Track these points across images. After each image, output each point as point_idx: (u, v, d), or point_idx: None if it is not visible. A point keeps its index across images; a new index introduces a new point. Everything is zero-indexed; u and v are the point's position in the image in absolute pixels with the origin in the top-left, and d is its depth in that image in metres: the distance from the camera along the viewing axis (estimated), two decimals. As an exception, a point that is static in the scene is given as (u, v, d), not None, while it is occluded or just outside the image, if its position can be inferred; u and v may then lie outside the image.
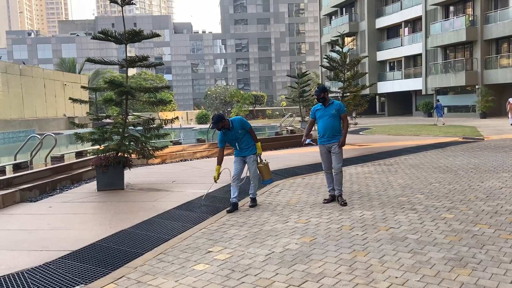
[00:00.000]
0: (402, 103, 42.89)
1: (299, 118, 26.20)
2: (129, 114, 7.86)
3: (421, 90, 37.17)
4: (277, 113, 50.24)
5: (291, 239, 4.72)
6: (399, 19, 39.86)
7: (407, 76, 39.95)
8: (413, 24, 39.19)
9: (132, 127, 8.00)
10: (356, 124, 26.75)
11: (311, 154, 12.24)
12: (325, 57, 16.21)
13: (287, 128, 18.40)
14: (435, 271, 3.66)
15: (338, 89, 15.53)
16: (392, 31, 42.27)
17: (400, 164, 10.19)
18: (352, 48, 43.31)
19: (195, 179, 8.52)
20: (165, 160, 11.27)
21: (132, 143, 7.81)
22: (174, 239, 4.86)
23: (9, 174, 7.72)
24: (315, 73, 59.93)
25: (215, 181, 6.10)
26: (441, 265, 3.79)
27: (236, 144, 6.12)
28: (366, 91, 27.42)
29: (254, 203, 6.34)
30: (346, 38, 45.54)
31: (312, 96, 5.72)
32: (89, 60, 7.67)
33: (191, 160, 11.59)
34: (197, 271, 3.90)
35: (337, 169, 6.23)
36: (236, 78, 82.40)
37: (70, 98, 8.13)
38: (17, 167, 8.28)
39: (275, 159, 10.80)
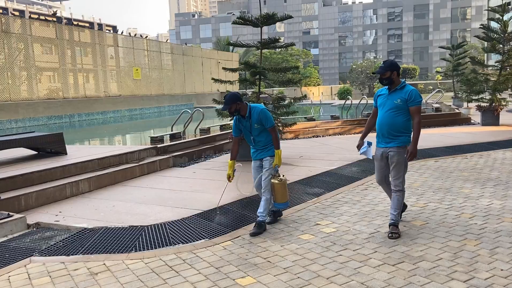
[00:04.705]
0: None
1: (452, 94, 23.95)
2: (261, 93, 8.53)
3: None
4: (431, 87, 46.28)
5: (401, 221, 4.74)
6: None
7: None
8: None
9: (263, 105, 8.65)
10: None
11: (454, 135, 11.34)
12: (481, 26, 14.39)
13: (432, 106, 17.15)
14: (549, 271, 3.36)
15: (495, 62, 13.73)
16: None
17: None
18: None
19: (321, 155, 8.83)
20: (298, 135, 11.81)
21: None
22: (288, 209, 5.34)
23: (166, 143, 9.22)
24: (481, 42, 52.91)
25: (229, 181, 4.86)
26: (561, 266, 3.45)
27: (252, 138, 4.73)
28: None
29: (259, 230, 4.50)
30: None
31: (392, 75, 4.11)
32: (230, 43, 8.52)
33: (322, 136, 11.88)
34: (302, 240, 4.31)
35: (395, 186, 4.41)
36: (387, 50, 78.11)
37: (212, 78, 9.19)
38: (172, 137, 9.81)
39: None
